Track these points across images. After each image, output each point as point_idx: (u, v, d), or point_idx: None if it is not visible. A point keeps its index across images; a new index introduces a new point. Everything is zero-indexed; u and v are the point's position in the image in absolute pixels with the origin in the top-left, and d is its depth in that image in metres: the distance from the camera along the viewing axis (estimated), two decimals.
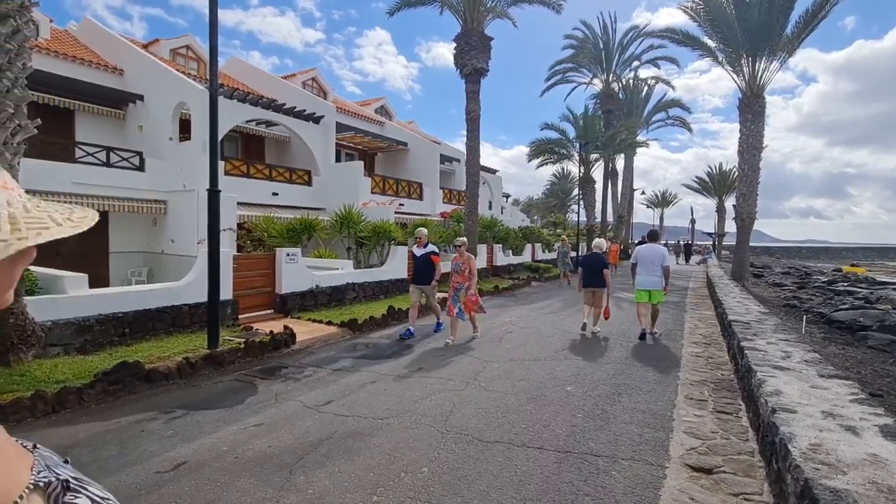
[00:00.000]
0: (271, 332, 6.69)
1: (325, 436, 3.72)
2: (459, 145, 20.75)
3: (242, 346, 5.97)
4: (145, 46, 18.28)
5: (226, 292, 7.55)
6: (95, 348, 5.76)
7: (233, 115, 14.76)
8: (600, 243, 8.08)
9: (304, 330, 7.56)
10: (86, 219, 0.55)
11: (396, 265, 11.54)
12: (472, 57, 13.22)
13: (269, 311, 8.56)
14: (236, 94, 14.80)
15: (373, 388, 4.92)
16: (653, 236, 7.78)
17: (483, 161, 15.76)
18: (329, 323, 7.99)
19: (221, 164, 14.61)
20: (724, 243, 44.69)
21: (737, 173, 15.90)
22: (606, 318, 7.92)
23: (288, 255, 8.62)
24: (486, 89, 13.93)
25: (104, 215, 14.26)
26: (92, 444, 3.56)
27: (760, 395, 3.37)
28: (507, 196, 45.27)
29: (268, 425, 3.94)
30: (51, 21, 16.18)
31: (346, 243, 12.11)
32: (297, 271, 8.77)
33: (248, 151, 18.04)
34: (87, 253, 13.87)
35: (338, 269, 10.29)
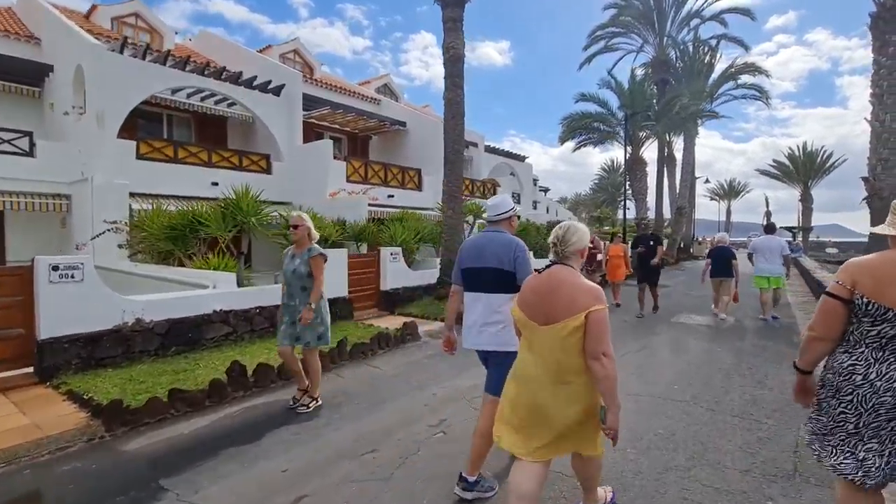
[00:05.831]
0: None
1: None
2: (507, 145, 16.39)
3: None
4: (86, 17, 15.36)
5: None
6: None
7: (150, 83, 11.24)
8: (724, 237, 8.90)
9: (27, 423, 3.62)
10: None
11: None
12: None
13: (25, 371, 4.70)
14: (154, 55, 11.27)
15: None
16: (770, 229, 8.59)
17: (532, 160, 11.40)
18: (88, 403, 4.00)
19: (133, 145, 11.12)
20: (809, 238, 37.52)
21: (870, 130, 10.49)
22: (735, 302, 8.46)
23: (56, 267, 4.71)
24: (536, 84, 9.06)
25: None
26: None
27: None
28: (546, 190, 40.12)
29: None
30: None
31: (241, 247, 8.12)
32: (78, 297, 4.84)
33: (203, 135, 14.62)
34: None
35: (208, 286, 6.30)
